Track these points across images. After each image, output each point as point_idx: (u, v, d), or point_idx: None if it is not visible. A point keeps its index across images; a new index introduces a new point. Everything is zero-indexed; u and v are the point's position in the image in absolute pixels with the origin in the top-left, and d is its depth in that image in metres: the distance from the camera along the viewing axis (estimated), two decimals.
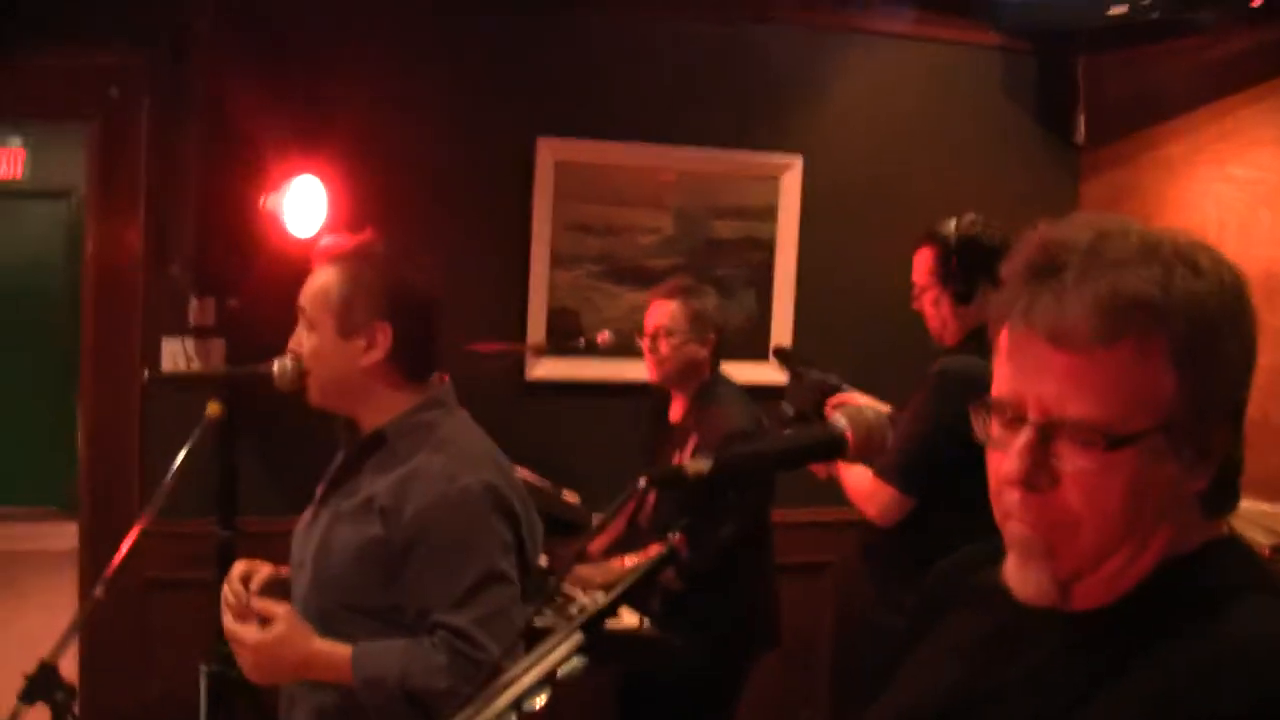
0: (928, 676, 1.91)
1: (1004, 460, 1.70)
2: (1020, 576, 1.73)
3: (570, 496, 5.63)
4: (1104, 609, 1.72)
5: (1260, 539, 4.40)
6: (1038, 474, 1.67)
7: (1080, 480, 1.65)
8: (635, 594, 4.98)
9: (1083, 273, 1.63)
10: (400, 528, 3.26)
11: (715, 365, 5.51)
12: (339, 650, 3.25)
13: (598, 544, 5.68)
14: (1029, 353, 1.68)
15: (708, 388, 5.42)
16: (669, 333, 5.36)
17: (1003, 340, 1.73)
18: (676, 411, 5.52)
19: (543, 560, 5.05)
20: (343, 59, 6.00)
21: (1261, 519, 4.51)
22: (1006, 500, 1.72)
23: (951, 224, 4.86)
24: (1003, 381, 1.72)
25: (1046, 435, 1.66)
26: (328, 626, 3.32)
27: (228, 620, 3.37)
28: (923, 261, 4.91)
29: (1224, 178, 6.47)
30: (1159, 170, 6.80)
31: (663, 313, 5.39)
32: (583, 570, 5.40)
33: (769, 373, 6.63)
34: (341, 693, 3.30)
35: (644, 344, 5.46)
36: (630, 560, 5.28)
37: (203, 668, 5.16)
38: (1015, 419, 1.69)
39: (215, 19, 5.37)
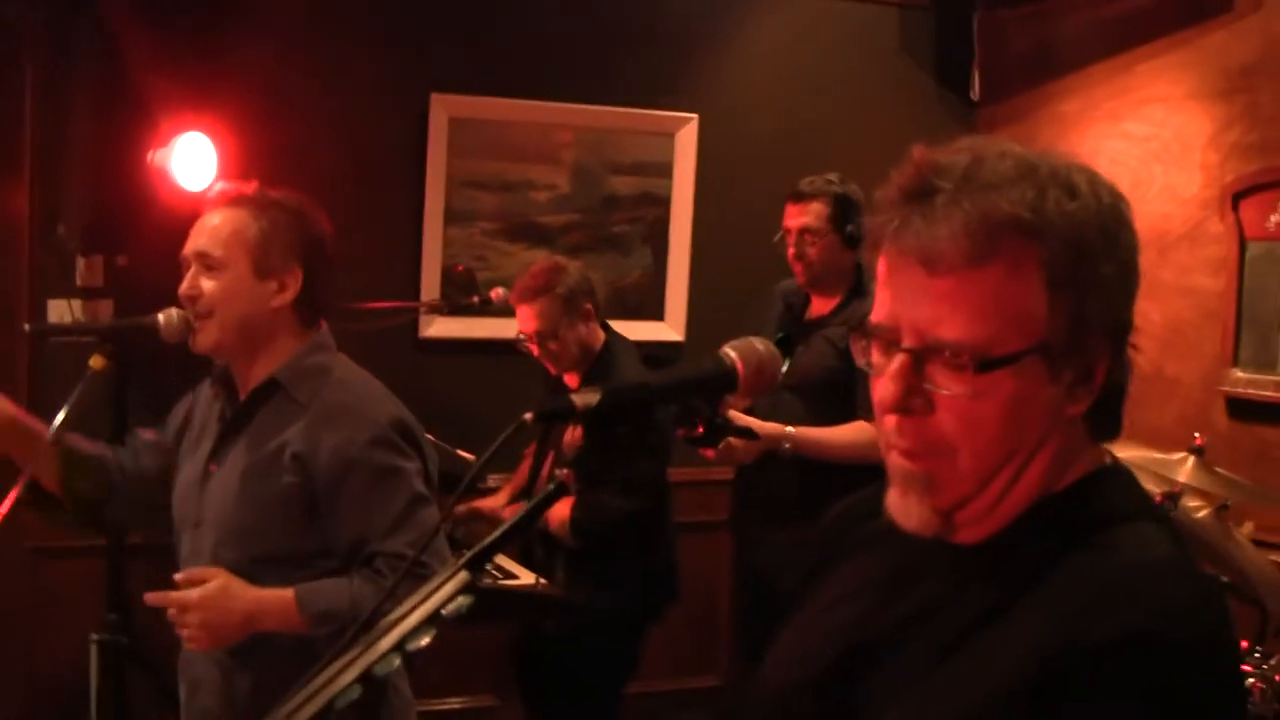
0: (825, 620, 1.89)
1: (880, 385, 1.69)
2: (902, 508, 1.73)
3: (465, 455, 5.60)
4: (992, 540, 1.72)
5: (1152, 487, 4.45)
6: (912, 399, 1.66)
7: (954, 404, 1.64)
8: (533, 548, 4.93)
9: (954, 196, 1.62)
10: (320, 470, 3.28)
11: (606, 329, 5.44)
12: (281, 594, 3.24)
13: (500, 498, 5.66)
14: (903, 277, 1.67)
15: (603, 355, 5.35)
16: (547, 335, 5.26)
17: (881, 266, 1.71)
18: (573, 381, 5.46)
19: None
20: (235, 11, 5.93)
21: (1154, 467, 4.55)
22: (886, 427, 1.71)
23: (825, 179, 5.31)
24: (881, 307, 1.70)
25: (921, 360, 1.65)
26: (246, 580, 3.29)
27: (156, 595, 3.25)
28: (817, 210, 5.20)
29: (1119, 134, 6.52)
30: (1054, 126, 6.84)
31: (530, 316, 5.27)
32: (482, 528, 5.37)
33: (666, 331, 6.63)
34: (254, 676, 3.32)
35: (532, 349, 5.35)
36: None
37: (93, 636, 5.07)
38: (892, 344, 1.68)
39: None
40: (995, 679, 1.56)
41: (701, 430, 2.09)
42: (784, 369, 5.25)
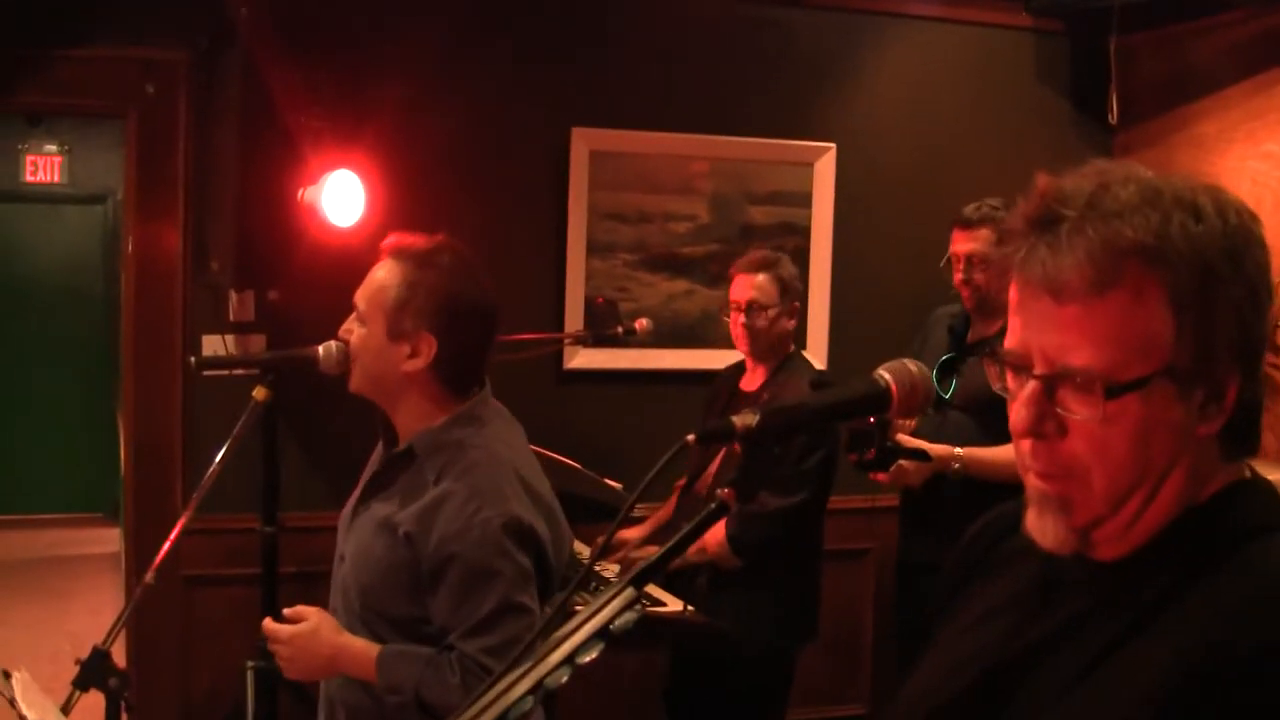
0: (968, 638, 1.92)
1: (1014, 410, 1.73)
2: (1039, 527, 1.75)
3: (613, 485, 5.64)
4: (1132, 556, 1.73)
5: None
6: (1044, 423, 1.69)
7: (1085, 429, 1.66)
8: (682, 572, 4.95)
9: (1078, 224, 1.63)
10: (427, 554, 3.30)
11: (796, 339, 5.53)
12: (368, 649, 3.35)
13: (644, 529, 5.70)
14: (1031, 305, 1.69)
15: (790, 359, 5.43)
16: (762, 306, 5.35)
17: (1012, 293, 1.74)
18: (752, 381, 5.50)
19: (584, 549, 5.09)
20: (379, 52, 6.04)
21: None
22: (1021, 450, 1.75)
23: (990, 205, 5.33)
24: (1013, 334, 1.73)
25: (1051, 385, 1.68)
26: (360, 623, 3.41)
27: (267, 621, 3.50)
28: (985, 236, 5.28)
29: (1259, 155, 6.45)
30: (1193, 149, 6.78)
31: (750, 285, 5.38)
32: (635, 554, 5.41)
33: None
34: (374, 696, 3.38)
35: (734, 317, 5.42)
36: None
37: (249, 663, 5.17)
38: (1024, 370, 1.71)
39: (252, 13, 5.38)
40: (1139, 694, 1.57)
41: (873, 454, 2.12)
42: (951, 390, 5.29)
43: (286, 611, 3.46)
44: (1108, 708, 1.61)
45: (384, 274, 3.44)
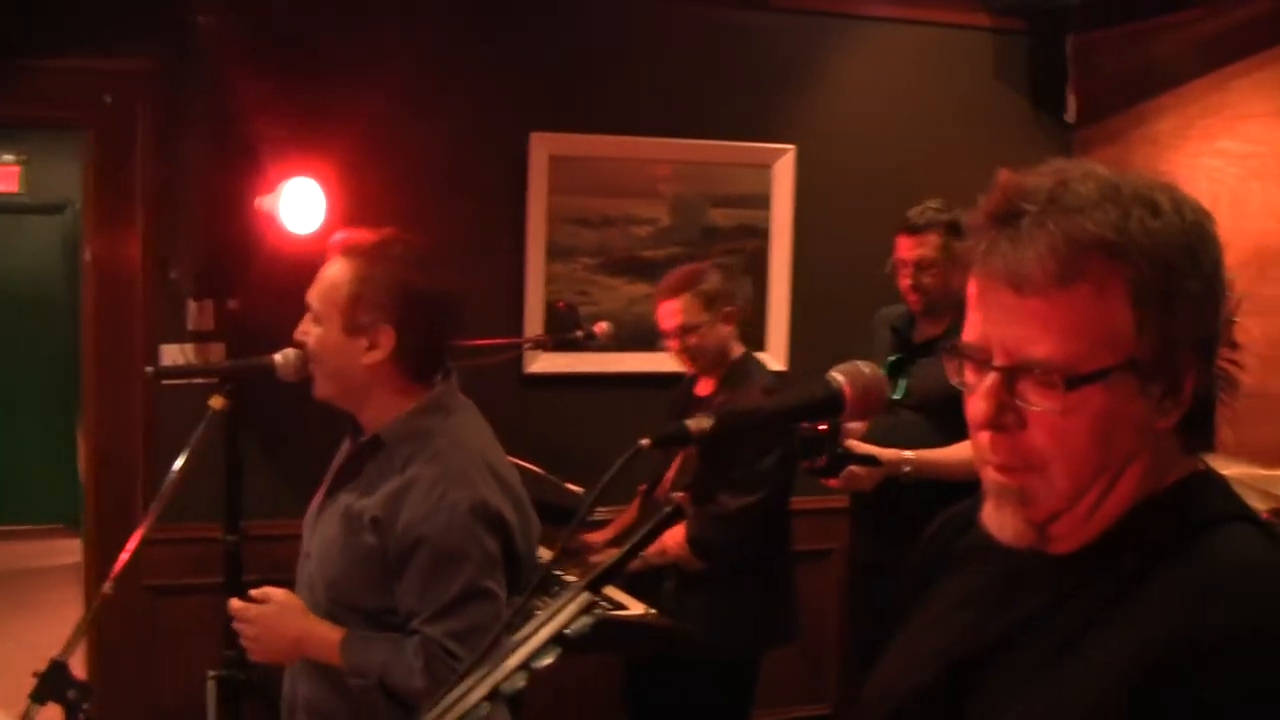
0: (930, 633, 1.93)
1: (974, 403, 1.74)
2: (996, 520, 1.77)
3: (574, 488, 5.63)
4: (1090, 547, 1.75)
5: (1258, 504, 4.44)
6: (1004, 415, 1.71)
7: (1045, 420, 1.68)
8: (647, 575, 4.95)
9: (1039, 219, 1.66)
10: (393, 540, 3.30)
11: (743, 344, 5.51)
12: (333, 632, 3.36)
13: (607, 532, 5.70)
14: (992, 299, 1.71)
15: (739, 365, 5.41)
16: (691, 328, 5.32)
17: (971, 288, 1.76)
18: (706, 387, 5.50)
19: (547, 554, 5.09)
20: (339, 60, 6.04)
21: (1260, 484, 4.55)
22: (980, 443, 1.76)
23: (933, 208, 5.40)
24: (972, 328, 1.75)
25: (1012, 378, 1.70)
26: (327, 617, 3.40)
27: (234, 601, 3.50)
28: (933, 241, 5.31)
29: (1215, 152, 6.48)
30: (1150, 146, 6.82)
31: (674, 311, 5.35)
32: (595, 559, 5.41)
33: (769, 361, 6.66)
34: (338, 692, 3.38)
35: (670, 345, 5.42)
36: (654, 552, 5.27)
37: (210, 673, 5.16)
38: (984, 364, 1.73)
39: (212, 22, 5.37)
40: (1102, 684, 1.59)
41: (825, 461, 2.15)
42: (901, 391, 5.30)
43: (254, 592, 3.47)
44: (1068, 699, 1.62)
45: (335, 271, 3.44)
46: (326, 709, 3.43)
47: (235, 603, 3.48)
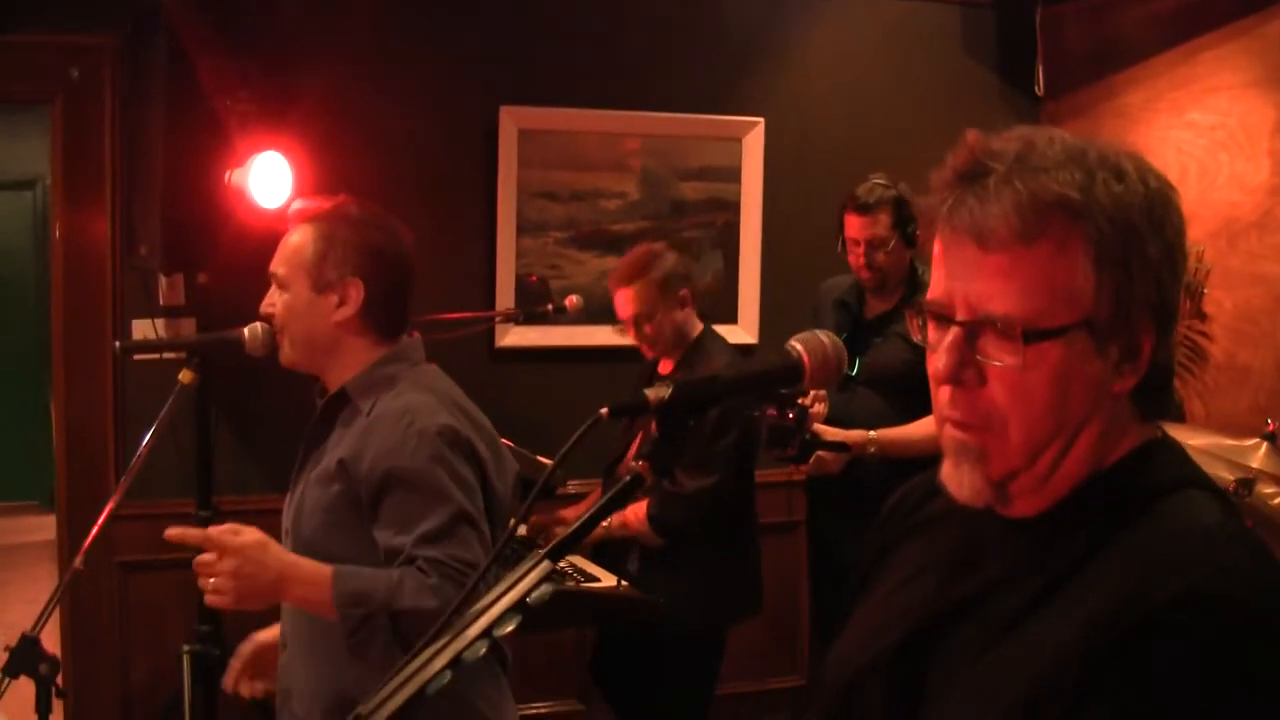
0: (891, 602, 1.95)
1: (935, 359, 1.76)
2: (955, 478, 1.79)
3: (545, 461, 5.64)
4: (1046, 515, 1.78)
5: (1225, 474, 4.47)
6: (965, 370, 1.73)
7: (1005, 375, 1.70)
8: (612, 545, 4.97)
9: (1005, 177, 1.68)
10: (361, 477, 3.28)
11: (705, 322, 5.51)
12: (319, 566, 3.18)
13: (584, 506, 5.71)
14: (956, 254, 1.73)
15: (699, 342, 5.41)
16: (643, 318, 5.34)
17: (935, 245, 1.78)
18: (667, 366, 5.51)
19: (521, 529, 5.10)
20: (305, 34, 6.04)
21: (1227, 454, 4.57)
22: (940, 400, 1.78)
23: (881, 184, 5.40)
24: (936, 284, 1.77)
25: (973, 333, 1.72)
26: None
27: (204, 556, 3.13)
28: (884, 220, 5.31)
29: (1183, 124, 6.52)
30: (1118, 119, 6.84)
31: (628, 300, 5.35)
32: (560, 530, 5.43)
33: (740, 334, 6.67)
34: (339, 684, 3.32)
35: (627, 333, 5.43)
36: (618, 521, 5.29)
37: (184, 648, 5.16)
38: (946, 319, 1.75)
39: None
40: (1055, 650, 1.61)
41: (794, 450, 2.15)
42: (855, 367, 5.31)
43: (216, 529, 3.14)
44: (1023, 665, 1.64)
45: (298, 237, 3.48)
46: (327, 687, 3.38)
47: (201, 533, 3.13)
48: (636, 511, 5.19)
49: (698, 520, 5.20)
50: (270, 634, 3.67)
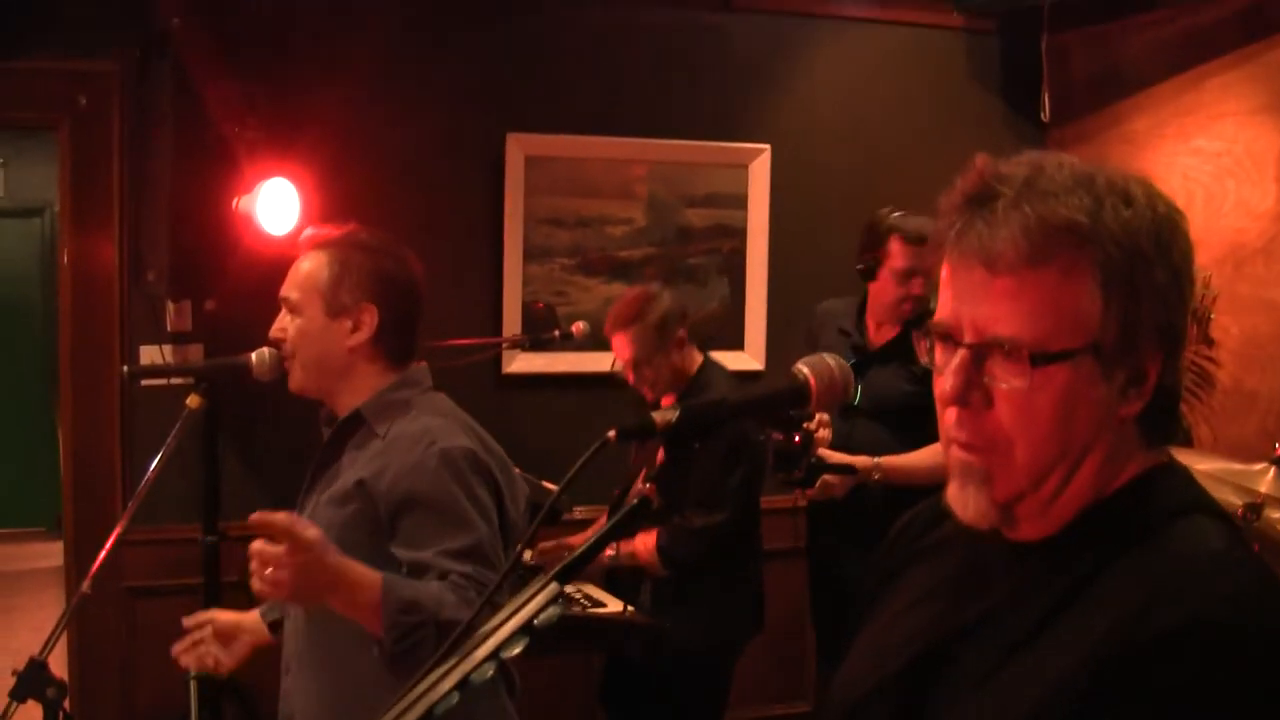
0: (897, 626, 1.95)
1: (942, 380, 1.76)
2: (960, 499, 1.79)
3: (551, 487, 5.63)
4: (1051, 539, 1.78)
5: (1233, 498, 4.46)
6: (971, 392, 1.73)
7: (1011, 398, 1.70)
8: (622, 577, 4.97)
9: (1014, 201, 1.68)
10: (380, 496, 3.29)
11: (704, 354, 5.49)
12: (370, 571, 3.09)
13: (590, 533, 5.70)
14: (964, 277, 1.73)
15: (699, 376, 5.39)
16: (641, 362, 5.31)
17: (944, 268, 1.78)
18: (669, 400, 5.49)
19: (528, 555, 5.09)
20: (313, 61, 6.05)
21: (1235, 479, 4.56)
22: (946, 421, 1.78)
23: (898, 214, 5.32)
24: (944, 306, 1.77)
25: (980, 355, 1.72)
26: (321, 614, 3.29)
27: (273, 548, 2.95)
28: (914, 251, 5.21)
29: (1190, 151, 6.51)
30: (1124, 145, 6.84)
31: (624, 345, 5.33)
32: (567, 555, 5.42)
33: (746, 360, 6.67)
34: (337, 685, 3.34)
35: (628, 377, 5.41)
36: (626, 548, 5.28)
37: (191, 673, 5.15)
38: (953, 341, 1.75)
39: (185, 22, 5.37)
40: (1058, 676, 1.61)
41: (801, 474, 2.15)
42: (857, 396, 5.30)
43: (281, 515, 2.97)
44: (1027, 690, 1.64)
45: (310, 263, 3.49)
46: (331, 712, 3.39)
47: (289, 518, 2.97)
48: (646, 543, 5.19)
49: (704, 555, 5.20)
50: (229, 616, 3.68)
